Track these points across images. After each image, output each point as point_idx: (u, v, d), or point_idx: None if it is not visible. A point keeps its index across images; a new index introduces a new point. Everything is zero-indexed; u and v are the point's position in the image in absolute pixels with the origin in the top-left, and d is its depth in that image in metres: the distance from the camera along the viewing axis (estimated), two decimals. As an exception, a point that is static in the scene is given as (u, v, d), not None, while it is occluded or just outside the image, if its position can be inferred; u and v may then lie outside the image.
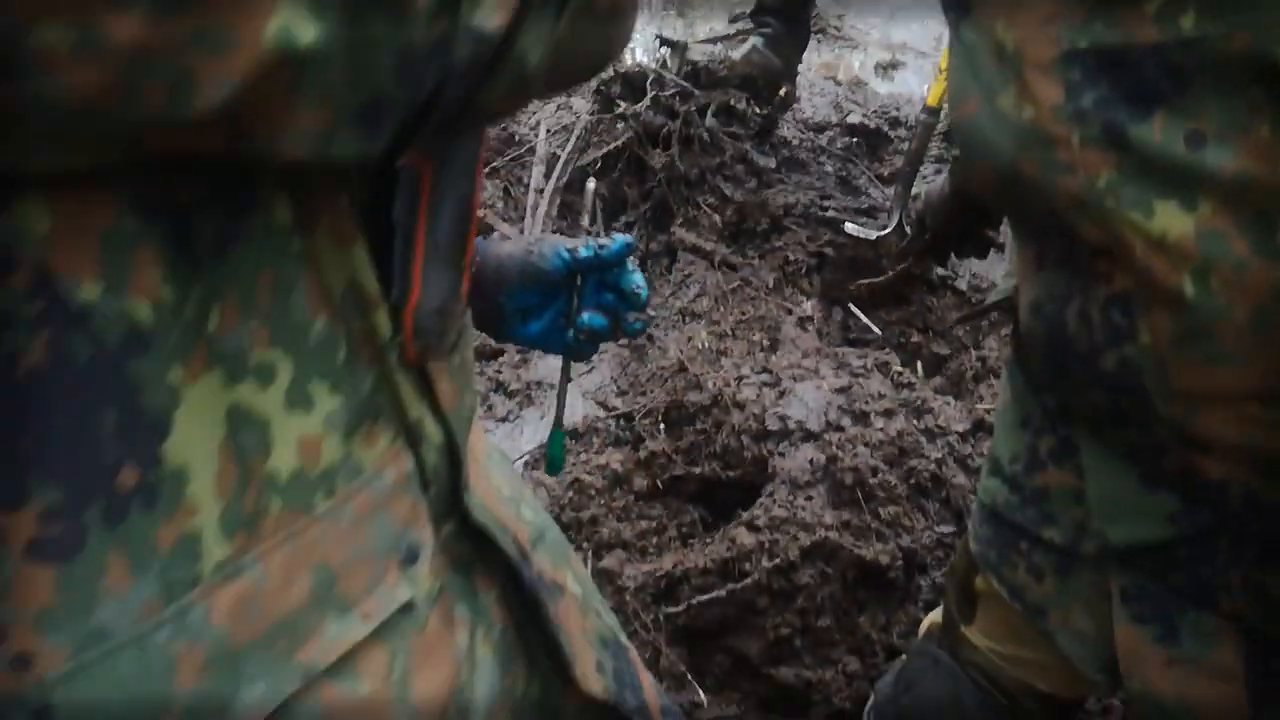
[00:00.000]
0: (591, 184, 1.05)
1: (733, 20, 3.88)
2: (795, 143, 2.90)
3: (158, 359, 0.46)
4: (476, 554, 0.70)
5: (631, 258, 0.92)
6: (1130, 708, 1.00)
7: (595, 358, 2.56)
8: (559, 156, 2.90)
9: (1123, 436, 0.87)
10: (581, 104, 3.12)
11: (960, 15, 0.85)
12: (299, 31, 0.38)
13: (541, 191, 2.84)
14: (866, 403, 2.01)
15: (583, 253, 0.87)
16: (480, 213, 0.87)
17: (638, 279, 0.90)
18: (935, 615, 1.38)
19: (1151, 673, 0.95)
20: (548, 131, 3.02)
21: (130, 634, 0.47)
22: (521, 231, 2.80)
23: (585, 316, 0.89)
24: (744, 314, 2.40)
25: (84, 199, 0.42)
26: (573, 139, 2.89)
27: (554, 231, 2.89)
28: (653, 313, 2.41)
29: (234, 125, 0.41)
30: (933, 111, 2.49)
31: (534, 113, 3.11)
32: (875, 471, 1.88)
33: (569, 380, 1.02)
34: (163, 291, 0.45)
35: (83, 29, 0.35)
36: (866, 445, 1.92)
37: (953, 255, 1.74)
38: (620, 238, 0.89)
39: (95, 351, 0.44)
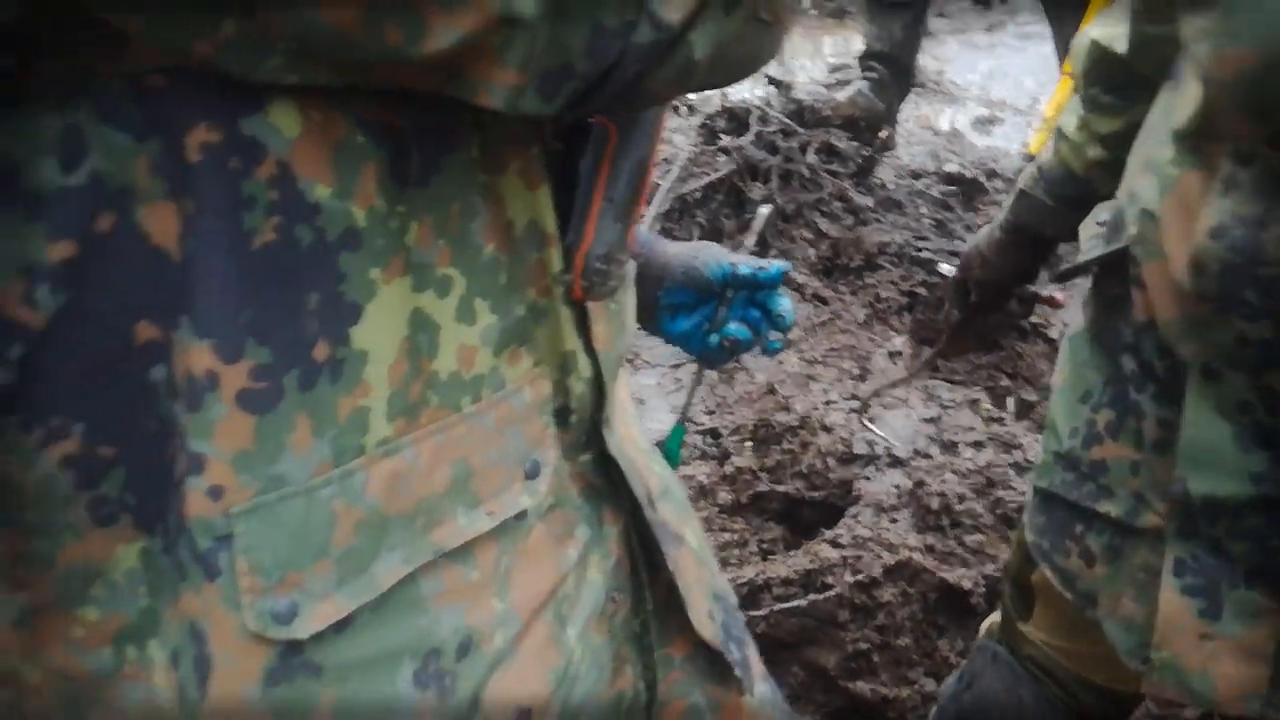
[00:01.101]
0: (766, 209, 1.13)
1: (833, 70, 3.97)
2: (893, 186, 2.95)
3: (364, 257, 0.53)
4: (608, 488, 0.75)
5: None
6: (1148, 677, 1.01)
7: (686, 375, 2.61)
8: (660, 185, 2.98)
9: (1255, 382, 0.89)
10: (683, 140, 3.21)
11: None
12: (521, 3, 0.45)
13: (643, 217, 2.92)
14: (956, 433, 2.03)
15: (743, 269, 0.92)
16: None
17: (786, 304, 0.94)
18: (996, 615, 1.40)
19: (1183, 645, 0.97)
20: (650, 161, 3.11)
21: (304, 485, 0.54)
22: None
23: (733, 327, 0.94)
24: (834, 344, 2.44)
25: (327, 114, 0.50)
26: (675, 169, 2.98)
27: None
28: (793, 337, 2.46)
29: (449, 70, 0.48)
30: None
31: (637, 144, 3.20)
32: (962, 499, 1.90)
33: (699, 384, 1.06)
34: (377, 202, 0.52)
35: None
36: (954, 473, 1.93)
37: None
38: (778, 264, 0.95)
39: (316, 240, 0.51)
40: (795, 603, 1.79)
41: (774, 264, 0.94)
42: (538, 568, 0.67)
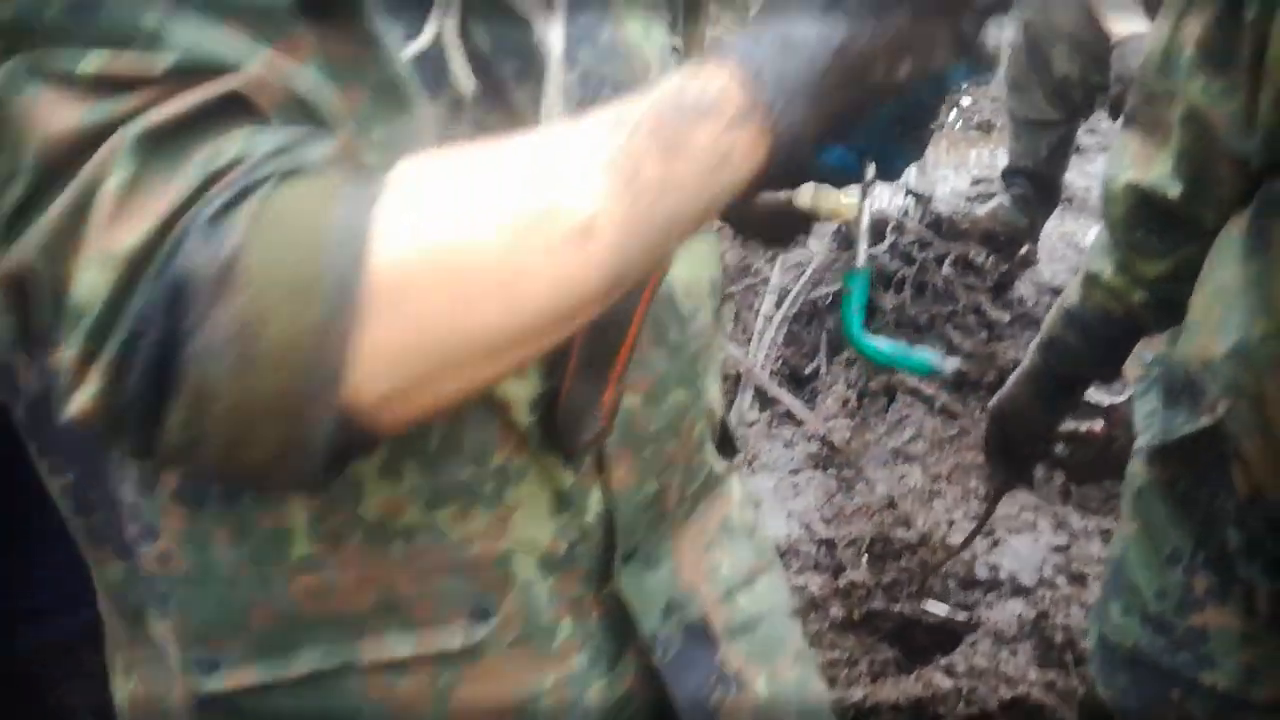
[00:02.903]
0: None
1: (975, 183, 3.93)
2: (1031, 302, 2.88)
3: None
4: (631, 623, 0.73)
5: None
6: None
7: (804, 481, 2.58)
8: (790, 290, 2.99)
9: None
10: (816, 244, 3.22)
11: None
12: None
13: (771, 319, 2.93)
14: (1085, 564, 1.94)
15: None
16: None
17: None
18: None
19: None
20: (783, 266, 3.13)
21: (227, 576, 0.62)
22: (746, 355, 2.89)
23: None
24: (962, 461, 2.37)
25: None
26: (807, 273, 2.99)
27: (778, 360, 2.96)
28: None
29: None
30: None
31: (771, 247, 3.23)
32: (1088, 635, 1.80)
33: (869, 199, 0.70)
34: None
35: None
36: (1082, 607, 1.84)
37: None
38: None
39: None
40: (904, 731, 1.72)
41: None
42: (489, 688, 0.68)
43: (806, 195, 0.75)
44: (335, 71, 0.51)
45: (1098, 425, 1.49)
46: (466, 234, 0.46)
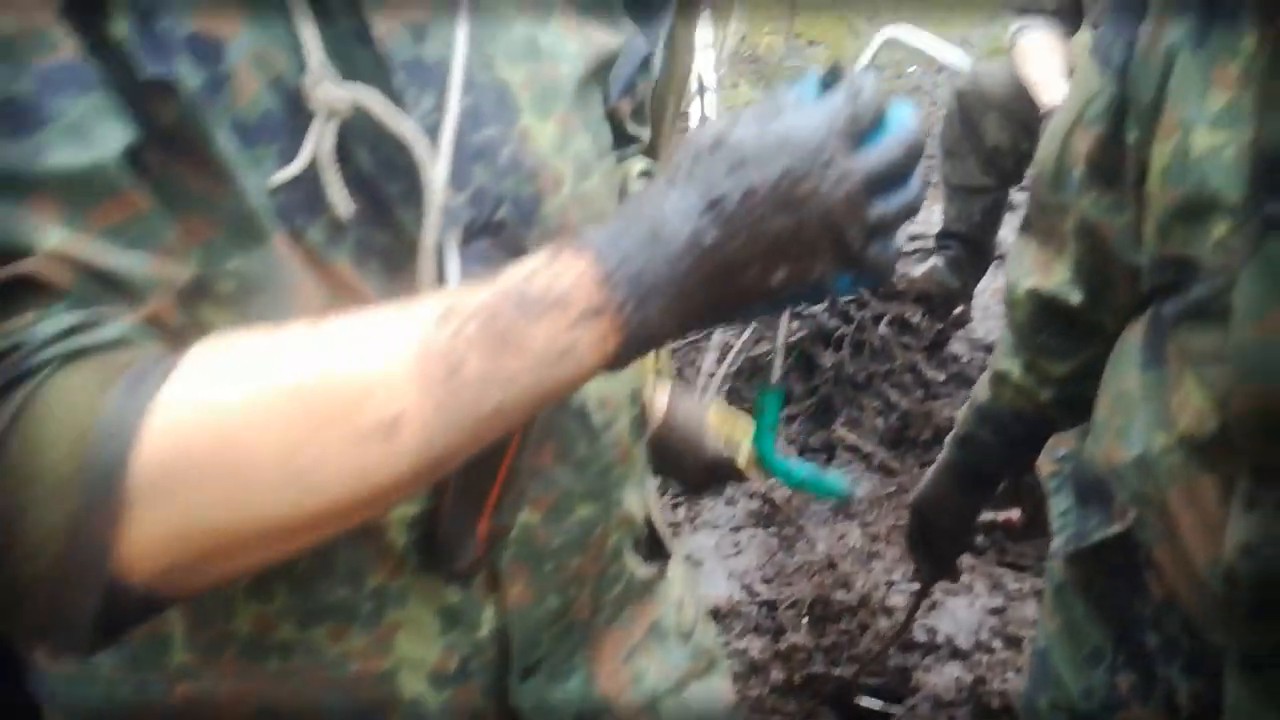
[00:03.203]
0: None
1: (912, 239, 4.02)
2: (966, 360, 2.94)
3: None
4: None
5: None
6: None
7: (745, 539, 2.59)
8: (732, 345, 3.02)
9: None
10: (758, 299, 3.26)
11: (1268, 228, 0.78)
12: None
13: (713, 375, 2.95)
14: (1021, 627, 1.97)
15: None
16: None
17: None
18: None
19: None
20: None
21: (109, 678, 0.63)
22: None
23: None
24: (900, 519, 2.40)
25: None
26: (748, 330, 3.02)
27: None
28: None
29: None
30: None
31: (712, 302, 3.27)
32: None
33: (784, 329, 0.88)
34: None
35: None
36: (1018, 671, 1.87)
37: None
38: None
39: None
40: (844, 800, 1.72)
41: None
42: None
43: (744, 456, 0.95)
44: (184, 205, 0.51)
45: (1014, 514, 1.53)
46: (253, 423, 0.46)
